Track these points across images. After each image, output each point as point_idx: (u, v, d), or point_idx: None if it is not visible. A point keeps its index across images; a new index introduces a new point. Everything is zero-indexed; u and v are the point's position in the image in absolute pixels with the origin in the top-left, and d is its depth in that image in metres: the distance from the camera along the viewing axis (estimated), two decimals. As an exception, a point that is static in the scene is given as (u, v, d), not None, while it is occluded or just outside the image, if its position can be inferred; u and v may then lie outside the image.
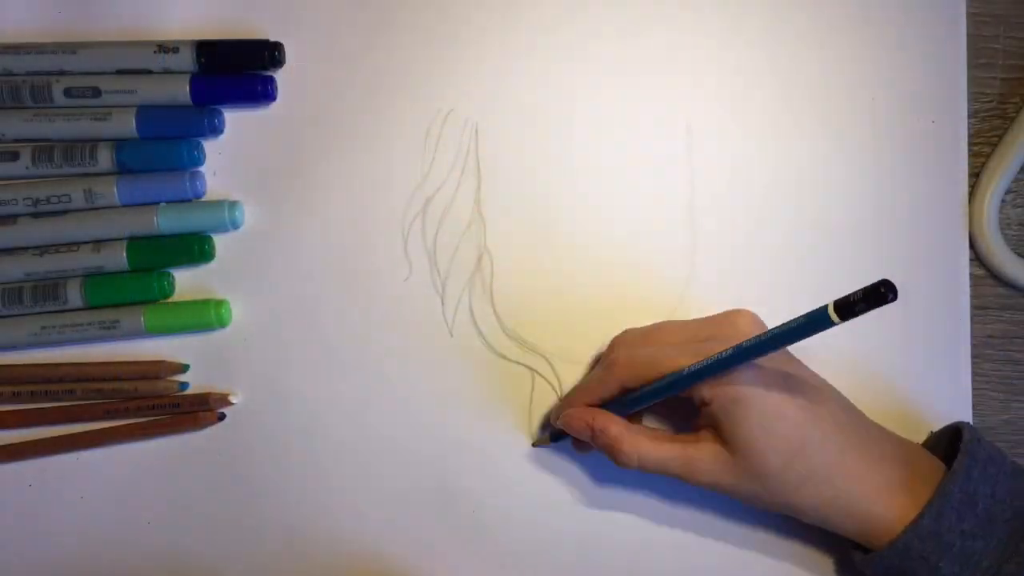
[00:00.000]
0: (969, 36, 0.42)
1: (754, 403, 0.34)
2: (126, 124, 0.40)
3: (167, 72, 0.40)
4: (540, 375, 0.41)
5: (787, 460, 0.34)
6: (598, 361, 0.40)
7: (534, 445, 0.41)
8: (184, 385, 0.41)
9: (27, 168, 0.40)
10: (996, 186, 0.42)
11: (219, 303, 0.41)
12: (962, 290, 0.42)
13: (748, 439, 0.34)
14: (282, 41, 0.41)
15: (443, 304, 0.41)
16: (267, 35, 0.41)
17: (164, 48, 0.40)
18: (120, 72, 0.40)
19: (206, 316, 0.40)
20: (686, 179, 0.42)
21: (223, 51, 0.40)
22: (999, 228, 0.42)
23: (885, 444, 0.36)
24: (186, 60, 0.40)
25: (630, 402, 0.37)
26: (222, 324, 0.41)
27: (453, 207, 0.42)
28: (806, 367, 0.37)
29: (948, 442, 0.38)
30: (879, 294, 0.28)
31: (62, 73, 0.40)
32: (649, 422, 0.40)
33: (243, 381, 0.41)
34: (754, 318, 0.37)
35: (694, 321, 0.38)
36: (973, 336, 0.42)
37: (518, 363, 0.41)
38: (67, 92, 0.40)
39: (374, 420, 0.41)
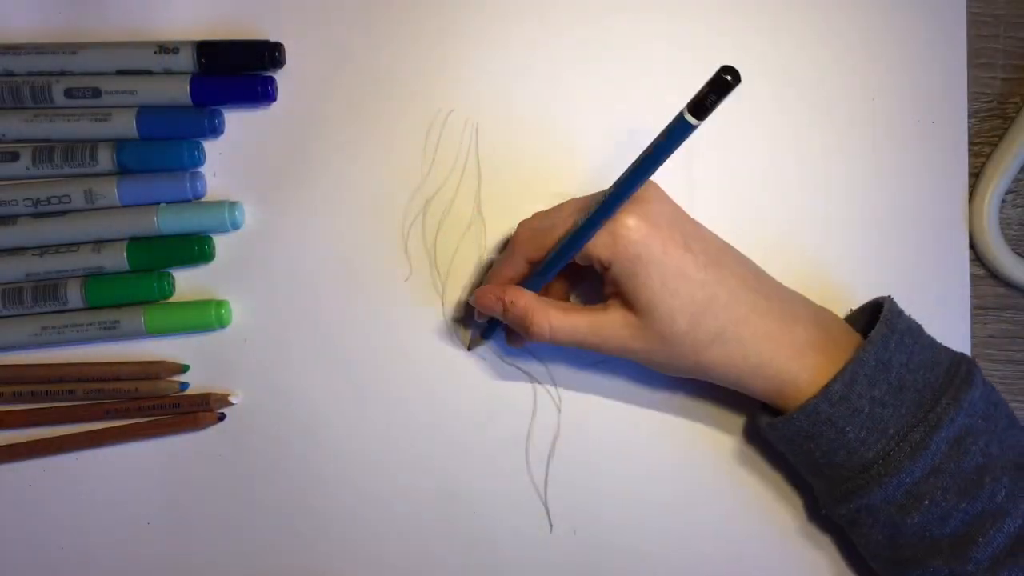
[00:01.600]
0: (969, 36, 0.42)
1: (653, 263, 0.34)
2: (126, 124, 0.40)
3: (167, 73, 0.40)
4: (537, 381, 0.41)
5: (693, 320, 0.34)
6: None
7: (469, 348, 0.41)
8: (184, 385, 0.41)
9: (27, 168, 0.40)
10: (996, 186, 0.42)
11: (219, 303, 0.41)
12: (962, 290, 0.42)
13: (652, 301, 0.34)
14: (282, 41, 0.41)
15: (443, 304, 0.41)
16: (267, 35, 0.41)
17: (164, 49, 0.40)
18: (120, 73, 0.40)
19: (206, 316, 0.41)
20: (686, 180, 0.42)
21: (223, 52, 0.40)
22: (999, 228, 0.42)
23: (799, 307, 0.36)
24: (186, 61, 0.40)
25: (536, 276, 0.37)
26: (222, 324, 0.41)
27: (453, 207, 0.42)
28: (707, 229, 0.37)
29: (868, 318, 0.38)
30: (723, 81, 0.29)
31: (62, 73, 0.40)
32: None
33: (243, 381, 0.41)
34: (658, 189, 0.36)
35: (590, 194, 0.37)
36: (973, 336, 0.42)
37: (516, 367, 0.41)
38: (67, 92, 0.40)
39: (374, 420, 0.41)
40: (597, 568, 0.41)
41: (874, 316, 0.36)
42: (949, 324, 0.41)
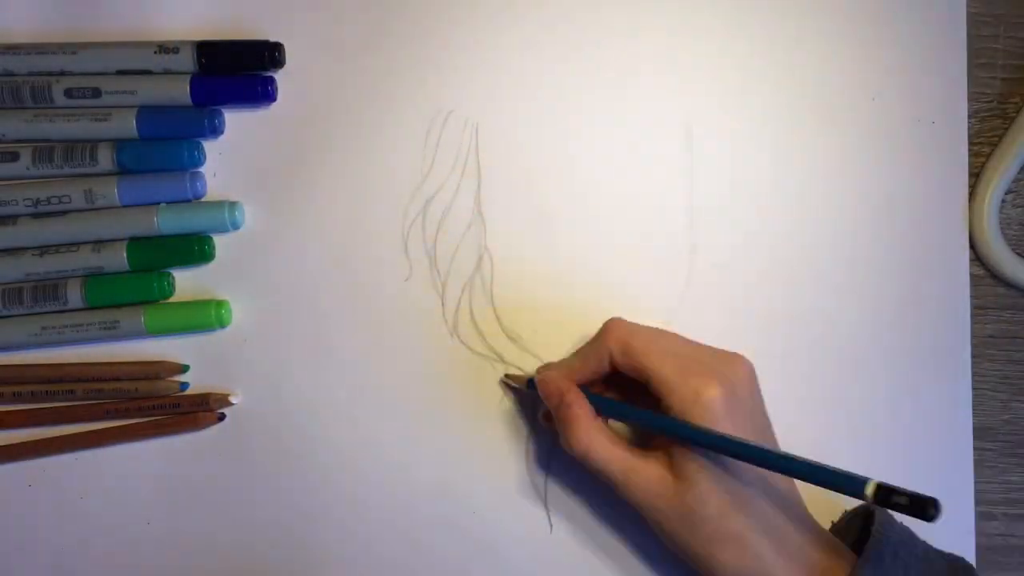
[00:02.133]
0: (969, 36, 0.42)
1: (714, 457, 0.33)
2: (126, 124, 0.40)
3: (167, 73, 0.40)
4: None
5: (722, 512, 0.34)
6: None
7: (505, 377, 0.41)
8: (184, 385, 0.41)
9: (27, 168, 0.40)
10: (996, 186, 0.42)
11: (219, 303, 0.41)
12: (962, 290, 0.42)
13: (696, 476, 0.34)
14: (282, 41, 0.41)
15: (443, 304, 0.41)
16: (267, 35, 0.41)
17: (164, 49, 0.40)
18: (120, 73, 0.40)
19: (206, 316, 0.41)
20: (686, 180, 0.42)
21: (223, 52, 0.40)
22: (999, 228, 0.42)
23: (812, 530, 0.35)
24: (186, 61, 0.40)
25: (606, 406, 0.37)
26: (222, 324, 0.41)
27: (453, 207, 0.42)
28: (772, 430, 0.36)
29: (861, 524, 0.37)
30: (924, 507, 0.28)
31: (62, 73, 0.40)
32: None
33: (243, 381, 0.41)
34: (752, 371, 0.36)
35: (694, 341, 0.37)
36: (973, 336, 0.42)
37: (516, 367, 0.41)
38: (67, 92, 0.40)
39: (374, 420, 0.41)
40: (597, 568, 0.41)
41: (867, 525, 0.35)
42: (949, 324, 0.41)
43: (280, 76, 0.41)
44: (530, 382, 0.39)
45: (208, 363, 0.41)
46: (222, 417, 0.41)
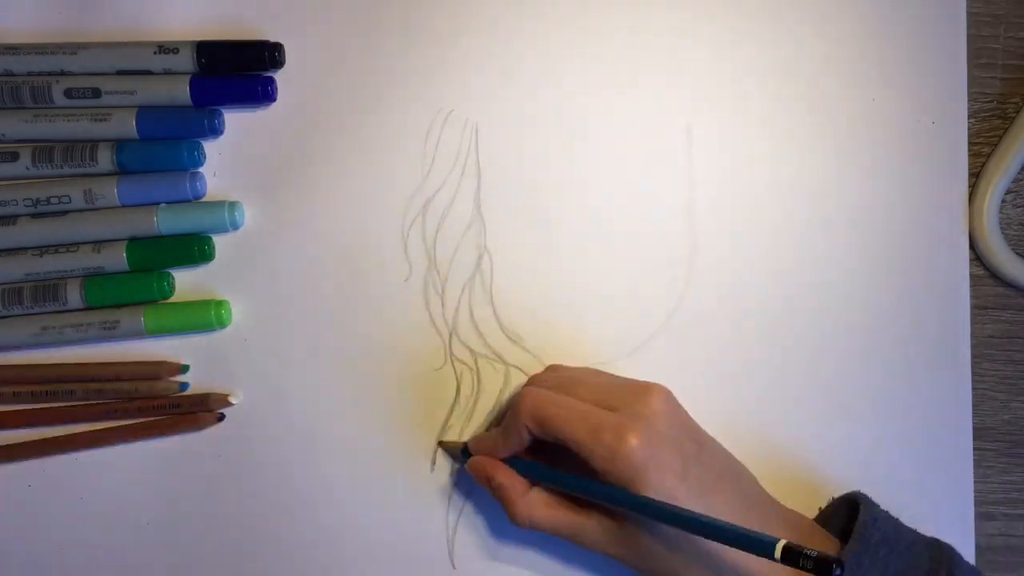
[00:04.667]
0: (969, 36, 0.42)
1: (648, 488, 0.33)
2: (126, 125, 0.40)
3: (167, 73, 0.40)
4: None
5: (680, 539, 0.34)
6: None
7: (440, 444, 0.41)
8: (184, 385, 0.41)
9: (27, 168, 0.40)
10: (996, 186, 0.42)
11: (219, 303, 0.41)
12: (962, 290, 0.42)
13: (636, 522, 0.34)
14: (282, 41, 0.41)
15: (443, 304, 0.41)
16: (267, 35, 0.41)
17: (164, 49, 0.40)
18: (120, 73, 0.40)
19: (206, 316, 0.41)
20: (686, 180, 0.42)
21: (223, 52, 0.40)
22: (999, 228, 0.42)
23: (778, 523, 0.35)
24: (186, 61, 0.40)
25: (537, 473, 0.37)
26: (222, 324, 0.41)
27: (453, 207, 0.42)
28: (714, 444, 0.37)
29: (847, 512, 0.37)
30: (827, 568, 0.28)
31: (62, 74, 0.40)
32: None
33: (243, 381, 0.41)
34: (668, 398, 0.36)
35: (608, 381, 0.37)
36: (973, 336, 0.42)
37: (516, 367, 0.41)
38: (67, 93, 0.40)
39: (374, 420, 0.41)
40: (597, 568, 0.41)
41: (852, 511, 0.36)
42: (949, 324, 0.41)
43: (280, 76, 0.41)
44: (464, 449, 0.39)
45: (208, 363, 0.41)
46: (222, 417, 0.41)
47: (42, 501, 0.42)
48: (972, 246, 0.42)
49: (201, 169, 0.41)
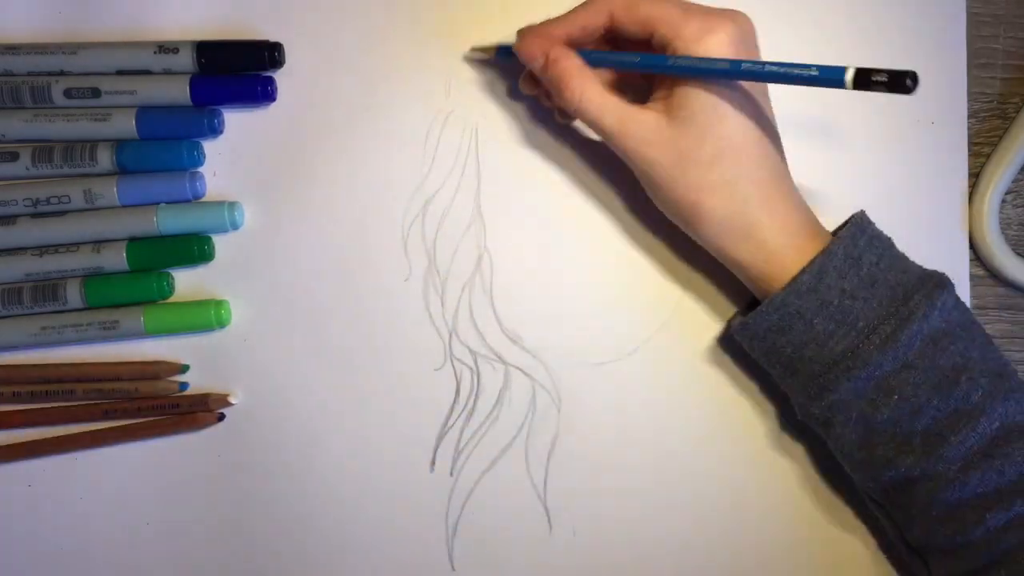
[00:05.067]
0: (969, 36, 0.42)
1: (717, 96, 0.34)
2: (126, 124, 0.40)
3: (167, 73, 0.40)
4: (538, 383, 0.41)
5: (718, 155, 0.34)
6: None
7: (471, 51, 0.40)
8: (184, 385, 0.41)
9: (27, 168, 0.40)
10: (996, 186, 0.42)
11: (219, 303, 0.41)
12: (962, 290, 0.42)
13: (695, 116, 0.34)
14: (282, 41, 0.41)
15: (443, 304, 0.41)
16: (267, 35, 0.41)
17: (164, 49, 0.40)
18: (120, 73, 0.40)
19: (206, 316, 0.41)
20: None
21: (223, 52, 0.40)
22: (999, 228, 0.42)
23: (800, 203, 0.36)
24: (186, 61, 0.40)
25: (598, 58, 0.36)
26: (222, 324, 0.41)
27: (453, 207, 0.42)
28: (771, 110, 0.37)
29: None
30: (902, 80, 0.28)
31: (62, 73, 0.40)
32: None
33: (243, 381, 0.41)
34: (753, 28, 0.35)
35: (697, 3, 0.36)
36: (973, 336, 0.42)
37: (516, 367, 0.41)
38: (67, 93, 0.40)
39: (373, 420, 0.41)
40: (597, 568, 0.41)
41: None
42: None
43: (280, 76, 0.41)
44: (500, 50, 0.38)
45: (208, 363, 0.41)
46: (222, 417, 0.41)
47: (42, 501, 0.42)
48: (972, 246, 0.42)
49: (201, 169, 0.41)
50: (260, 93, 0.41)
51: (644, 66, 0.35)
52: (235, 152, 0.42)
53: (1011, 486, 0.33)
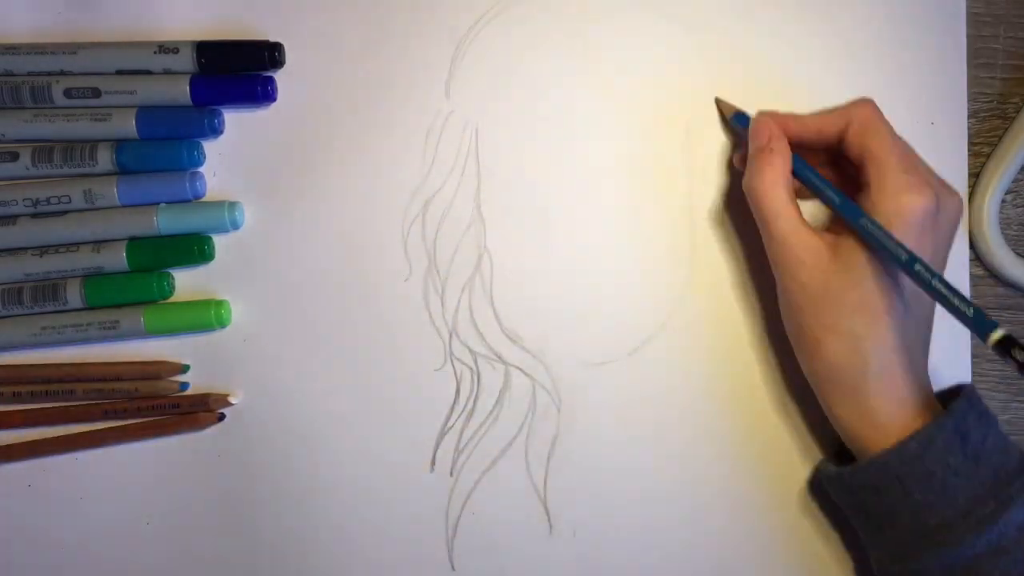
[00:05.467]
0: (969, 36, 0.42)
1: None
2: (126, 125, 0.40)
3: (167, 73, 0.40)
4: (538, 383, 0.41)
5: (859, 307, 0.34)
6: None
7: (718, 100, 0.41)
8: (184, 385, 0.41)
9: (27, 168, 0.40)
10: (996, 186, 0.42)
11: (219, 303, 0.41)
12: (962, 290, 0.42)
13: (858, 263, 0.34)
14: (282, 41, 0.41)
15: (443, 304, 0.41)
16: (267, 35, 0.41)
17: (164, 49, 0.40)
18: (120, 73, 0.40)
19: (206, 316, 0.41)
20: (686, 179, 0.42)
21: (223, 52, 0.40)
22: (999, 228, 0.42)
23: (921, 380, 0.36)
24: (186, 61, 0.40)
25: (805, 169, 0.37)
26: (222, 324, 0.41)
27: (453, 207, 0.42)
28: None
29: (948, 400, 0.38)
30: None
31: (62, 73, 0.40)
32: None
33: (243, 381, 0.41)
34: (960, 209, 0.36)
35: (926, 164, 0.37)
36: (973, 336, 0.42)
37: (516, 367, 0.41)
38: (67, 92, 0.40)
39: (373, 421, 0.41)
40: (597, 568, 0.41)
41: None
42: (949, 324, 0.41)
43: (280, 76, 0.41)
44: (737, 116, 0.39)
45: (208, 363, 0.41)
46: (222, 417, 0.41)
47: (42, 501, 0.42)
48: (972, 246, 0.42)
49: (201, 169, 0.41)
50: (260, 93, 0.41)
51: (839, 208, 0.35)
52: (235, 152, 0.42)
53: None
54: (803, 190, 0.38)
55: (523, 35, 0.42)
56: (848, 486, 0.36)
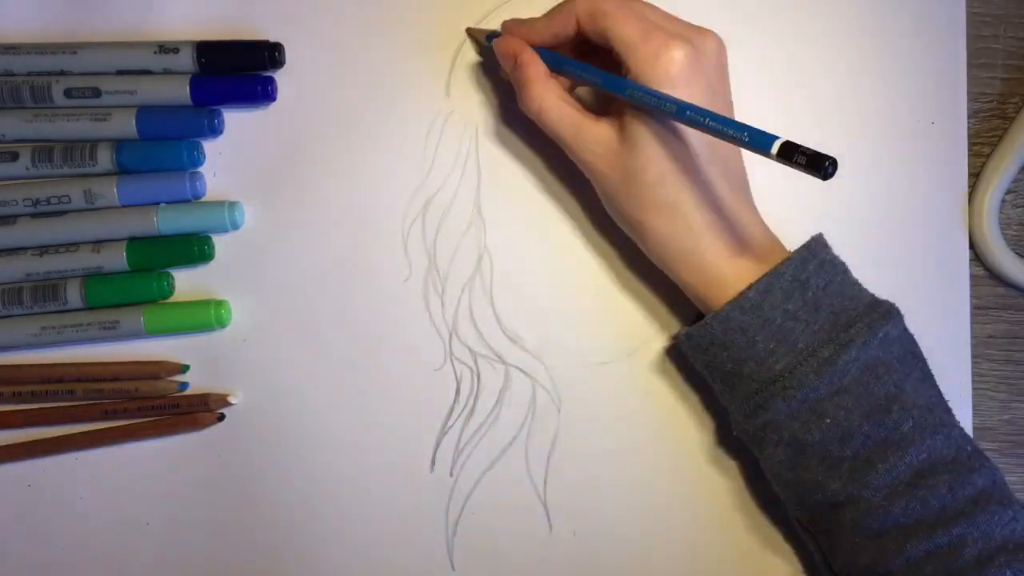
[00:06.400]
0: (969, 36, 0.42)
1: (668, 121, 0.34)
2: (126, 124, 0.40)
3: (167, 73, 0.40)
4: (538, 383, 0.41)
5: (661, 178, 0.35)
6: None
7: (468, 29, 0.41)
8: (184, 385, 0.41)
9: (27, 168, 0.40)
10: (996, 186, 0.42)
11: (219, 303, 0.41)
12: (962, 290, 0.42)
13: (641, 140, 0.34)
14: (282, 41, 0.41)
15: (443, 304, 0.41)
16: (267, 35, 0.41)
17: (164, 49, 0.40)
18: (120, 73, 0.40)
19: (206, 316, 0.41)
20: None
21: (223, 52, 0.40)
22: (999, 228, 0.42)
23: (755, 222, 0.36)
24: (186, 61, 0.40)
25: (561, 62, 0.37)
26: (222, 324, 0.41)
27: (453, 207, 0.42)
28: (731, 102, 0.37)
29: None
30: (821, 162, 0.28)
31: (62, 73, 0.40)
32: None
33: (243, 381, 0.41)
34: (721, 47, 0.36)
35: (668, 13, 0.36)
36: (973, 336, 0.42)
37: (516, 367, 0.41)
38: (67, 92, 0.40)
39: (373, 420, 0.41)
40: (597, 568, 0.41)
41: None
42: (949, 324, 0.41)
43: (280, 76, 0.41)
44: (489, 37, 0.39)
45: (208, 363, 0.41)
46: (222, 417, 0.41)
47: (42, 501, 0.42)
48: (972, 246, 0.42)
49: (201, 169, 0.41)
50: (260, 93, 0.41)
51: (604, 87, 0.35)
52: (235, 152, 0.42)
53: (933, 518, 0.33)
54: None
55: (523, 35, 0.42)
56: (698, 344, 0.36)
